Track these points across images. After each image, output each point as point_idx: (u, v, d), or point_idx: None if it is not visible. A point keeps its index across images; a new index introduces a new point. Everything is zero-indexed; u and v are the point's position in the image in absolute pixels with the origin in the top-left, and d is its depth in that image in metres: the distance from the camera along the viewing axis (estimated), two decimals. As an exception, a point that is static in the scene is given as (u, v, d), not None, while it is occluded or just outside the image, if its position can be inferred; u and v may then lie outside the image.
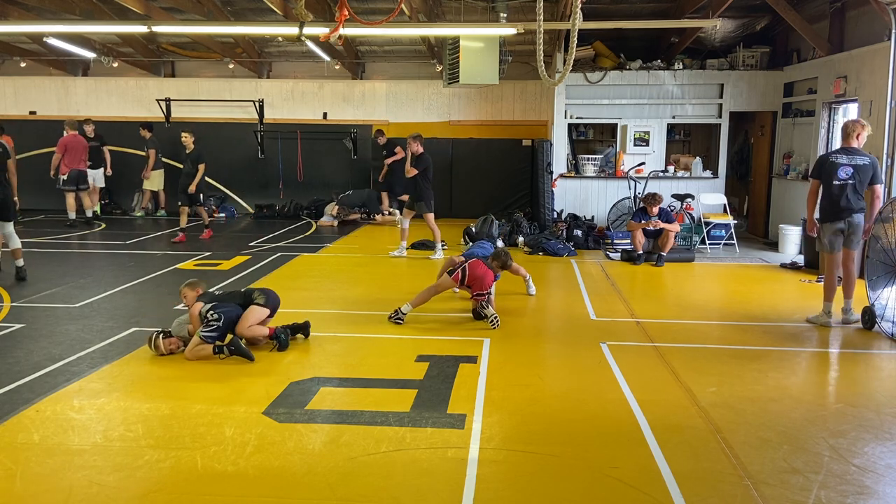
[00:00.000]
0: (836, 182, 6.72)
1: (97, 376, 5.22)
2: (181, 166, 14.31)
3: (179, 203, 11.67)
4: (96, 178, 13.73)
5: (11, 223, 8.41)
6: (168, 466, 3.80)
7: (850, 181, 6.68)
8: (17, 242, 8.41)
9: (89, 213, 13.22)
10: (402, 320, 6.69)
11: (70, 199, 12.88)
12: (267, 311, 5.90)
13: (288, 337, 5.90)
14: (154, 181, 14.16)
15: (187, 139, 11.49)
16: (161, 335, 5.71)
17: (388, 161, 13.90)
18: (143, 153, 14.03)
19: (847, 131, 6.85)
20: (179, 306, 6.04)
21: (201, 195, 11.63)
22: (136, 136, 14.16)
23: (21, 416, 4.47)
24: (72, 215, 12.92)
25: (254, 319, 5.79)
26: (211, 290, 6.19)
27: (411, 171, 10.08)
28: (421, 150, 10.11)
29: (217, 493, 3.56)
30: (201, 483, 3.64)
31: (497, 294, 7.56)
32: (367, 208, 14.26)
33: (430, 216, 10.27)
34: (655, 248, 9.96)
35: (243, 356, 5.55)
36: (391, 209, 14.23)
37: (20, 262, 8.43)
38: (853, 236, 6.78)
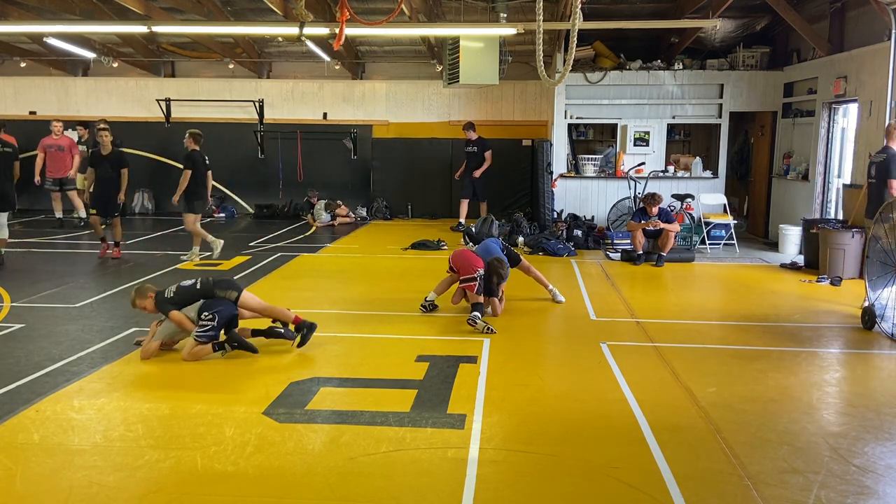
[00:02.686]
0: (868, 181, 7.04)
1: (97, 376, 5.22)
2: (181, 166, 14.24)
3: (94, 211, 10.05)
4: None
5: (6, 214, 9.23)
6: (168, 466, 3.80)
7: (873, 179, 6.97)
8: (5, 233, 9.16)
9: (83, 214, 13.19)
10: (429, 309, 7.08)
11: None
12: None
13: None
14: (81, 182, 13.29)
15: (105, 137, 9.78)
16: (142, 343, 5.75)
17: (480, 171, 12.91)
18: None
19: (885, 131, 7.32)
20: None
21: (120, 205, 10.01)
22: (134, 137, 14.17)
23: (21, 416, 4.47)
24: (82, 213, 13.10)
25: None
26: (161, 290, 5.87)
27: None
28: (196, 147, 9.81)
29: (217, 493, 3.56)
30: (201, 483, 3.64)
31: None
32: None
33: (190, 217, 9.81)
34: (655, 249, 9.96)
35: (246, 349, 5.57)
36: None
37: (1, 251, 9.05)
38: None
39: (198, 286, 5.86)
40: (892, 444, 4.16)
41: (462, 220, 12.87)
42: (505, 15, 10.31)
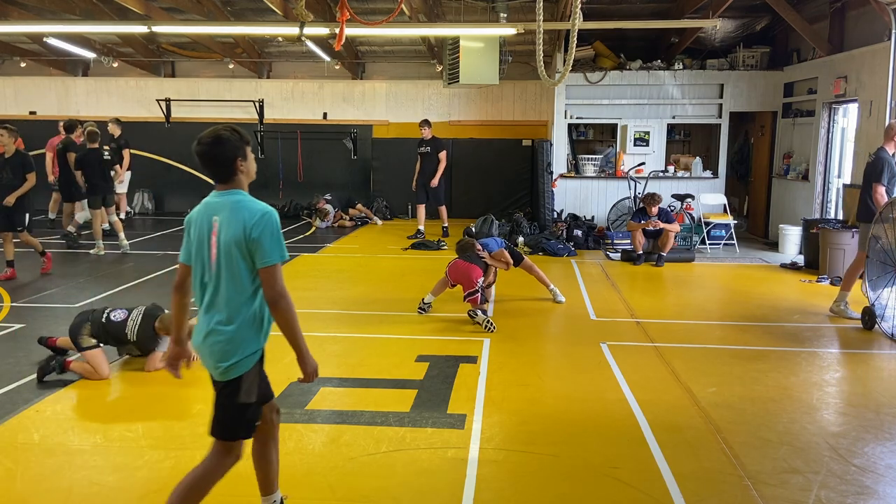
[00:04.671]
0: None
1: (97, 376, 5.22)
2: (182, 165, 14.20)
3: None
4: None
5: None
6: (168, 466, 3.81)
7: (864, 181, 6.95)
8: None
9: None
10: (426, 310, 7.05)
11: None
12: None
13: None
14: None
15: (2, 137, 8.44)
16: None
17: (437, 179, 11.90)
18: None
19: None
20: None
21: (27, 216, 8.54)
22: (134, 137, 14.14)
23: (21, 416, 4.47)
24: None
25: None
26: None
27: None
28: (93, 145, 10.27)
29: (217, 493, 3.55)
30: (201, 483, 3.63)
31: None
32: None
33: (93, 212, 10.45)
34: (655, 249, 9.96)
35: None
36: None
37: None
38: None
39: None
40: (892, 444, 4.16)
41: (421, 227, 11.96)
42: (505, 15, 10.31)
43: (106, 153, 10.39)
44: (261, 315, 2.96)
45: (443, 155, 11.89)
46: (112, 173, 10.71)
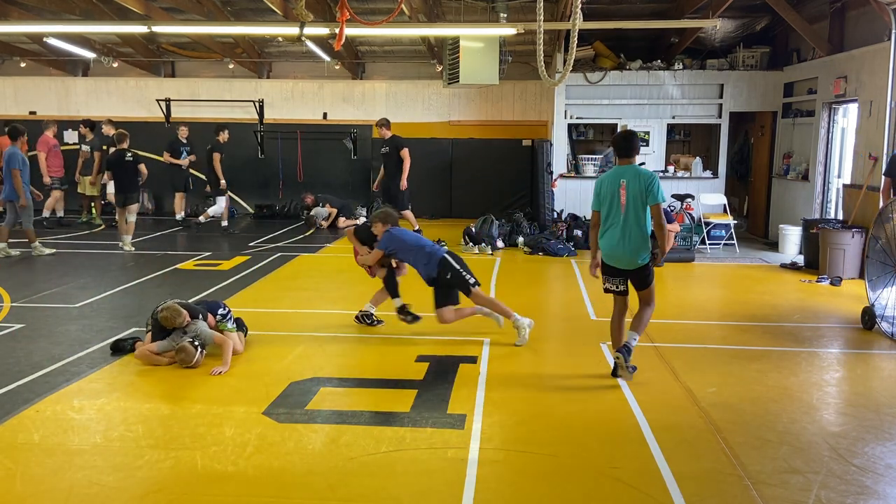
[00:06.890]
0: None
1: (97, 376, 5.22)
2: (181, 163, 14.20)
3: None
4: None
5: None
6: (168, 466, 3.81)
7: None
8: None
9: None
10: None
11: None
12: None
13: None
14: (86, 185, 13.15)
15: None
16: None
17: (404, 178, 11.28)
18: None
19: None
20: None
21: None
22: (134, 137, 14.12)
23: (21, 416, 4.47)
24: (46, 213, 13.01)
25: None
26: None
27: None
28: (121, 146, 10.53)
29: (217, 493, 3.56)
30: (201, 483, 3.64)
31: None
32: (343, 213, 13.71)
33: (118, 209, 10.78)
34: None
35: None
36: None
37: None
38: None
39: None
40: (892, 444, 4.16)
41: (416, 227, 11.32)
42: (505, 15, 10.31)
43: (128, 155, 10.48)
44: (647, 232, 5.07)
45: (405, 153, 11.15)
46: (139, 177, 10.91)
